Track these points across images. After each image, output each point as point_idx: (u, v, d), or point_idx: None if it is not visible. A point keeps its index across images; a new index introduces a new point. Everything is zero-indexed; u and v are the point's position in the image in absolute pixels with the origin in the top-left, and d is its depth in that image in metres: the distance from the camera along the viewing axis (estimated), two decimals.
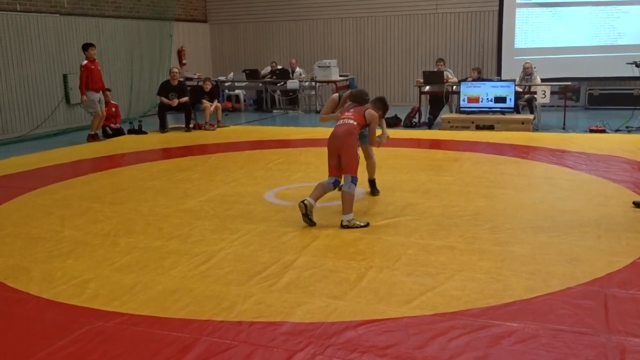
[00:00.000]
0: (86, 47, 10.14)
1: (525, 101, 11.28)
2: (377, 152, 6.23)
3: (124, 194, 6.48)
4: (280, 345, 3.11)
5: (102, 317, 3.48)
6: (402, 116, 11.62)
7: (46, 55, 11.63)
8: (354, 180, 5.14)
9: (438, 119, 11.44)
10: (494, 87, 10.86)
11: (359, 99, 5.57)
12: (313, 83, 14.28)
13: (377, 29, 15.35)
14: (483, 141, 9.28)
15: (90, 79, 10.02)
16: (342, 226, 5.03)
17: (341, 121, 5.36)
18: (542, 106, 11.18)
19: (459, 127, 10.64)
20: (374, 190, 6.16)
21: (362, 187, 6.07)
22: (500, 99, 10.69)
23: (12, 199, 6.35)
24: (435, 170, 7.13)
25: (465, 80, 11.54)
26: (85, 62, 10.05)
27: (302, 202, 5.07)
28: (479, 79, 11.55)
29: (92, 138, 10.22)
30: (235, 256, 4.44)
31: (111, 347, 3.13)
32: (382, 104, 5.73)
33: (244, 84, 14.89)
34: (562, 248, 4.43)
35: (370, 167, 6.13)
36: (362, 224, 5.06)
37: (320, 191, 5.21)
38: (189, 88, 12.02)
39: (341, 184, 5.26)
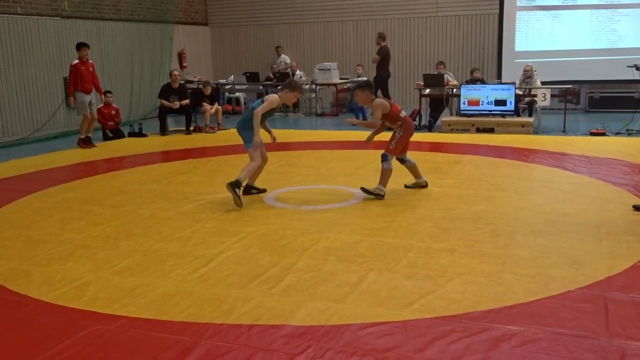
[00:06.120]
0: (79, 46, 9.86)
1: (525, 104, 11.29)
2: (377, 156, 6.24)
3: (124, 197, 6.48)
4: (279, 348, 3.10)
5: (102, 320, 3.48)
6: None
7: (47, 58, 11.64)
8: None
9: (438, 122, 11.45)
10: (494, 90, 10.87)
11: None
12: (313, 86, 14.29)
13: (377, 32, 15.35)
14: (483, 144, 9.28)
15: (79, 80, 9.71)
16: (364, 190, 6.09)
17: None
18: (543, 109, 11.19)
19: (459, 130, 10.64)
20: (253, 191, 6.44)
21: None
22: (500, 102, 10.69)
23: (12, 202, 6.36)
24: (435, 173, 7.12)
25: (468, 82, 11.55)
26: (75, 61, 9.80)
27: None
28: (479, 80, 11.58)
29: (83, 142, 9.92)
30: (235, 259, 4.44)
31: (111, 351, 3.13)
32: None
33: (244, 86, 14.90)
34: (562, 251, 4.43)
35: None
36: (381, 193, 6.01)
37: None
38: (189, 91, 12.03)
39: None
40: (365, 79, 6.58)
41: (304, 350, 3.06)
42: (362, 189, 6.15)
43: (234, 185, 5.88)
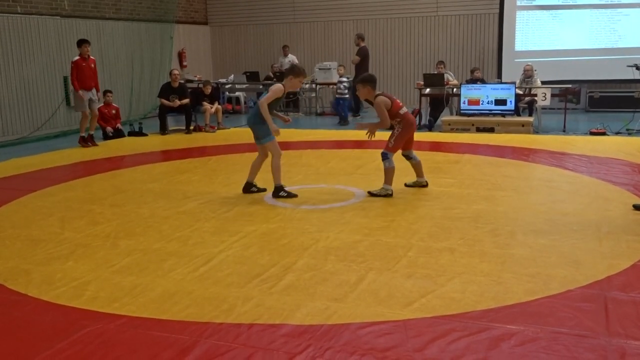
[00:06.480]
0: (79, 43, 9.83)
1: (525, 103, 11.29)
2: (378, 155, 6.24)
3: (124, 196, 6.48)
4: (279, 347, 3.10)
5: (101, 319, 3.48)
6: None
7: (47, 57, 11.64)
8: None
9: (438, 122, 11.45)
10: (494, 89, 10.87)
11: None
12: (313, 85, 14.28)
13: (377, 32, 15.36)
14: (483, 143, 9.28)
15: (79, 76, 9.65)
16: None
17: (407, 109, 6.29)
18: (543, 108, 11.19)
19: (459, 129, 10.64)
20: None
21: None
22: (500, 102, 10.70)
23: (12, 201, 6.35)
24: (435, 172, 7.12)
25: (468, 81, 11.55)
26: (76, 58, 9.76)
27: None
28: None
29: (84, 141, 9.88)
30: (235, 258, 4.44)
31: (111, 350, 3.13)
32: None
33: (244, 86, 14.89)
34: (562, 251, 4.43)
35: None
36: (388, 193, 6.06)
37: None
38: (189, 90, 12.02)
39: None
40: (368, 73, 6.67)
41: (304, 350, 3.06)
42: (369, 192, 6.18)
43: (278, 192, 6.13)
